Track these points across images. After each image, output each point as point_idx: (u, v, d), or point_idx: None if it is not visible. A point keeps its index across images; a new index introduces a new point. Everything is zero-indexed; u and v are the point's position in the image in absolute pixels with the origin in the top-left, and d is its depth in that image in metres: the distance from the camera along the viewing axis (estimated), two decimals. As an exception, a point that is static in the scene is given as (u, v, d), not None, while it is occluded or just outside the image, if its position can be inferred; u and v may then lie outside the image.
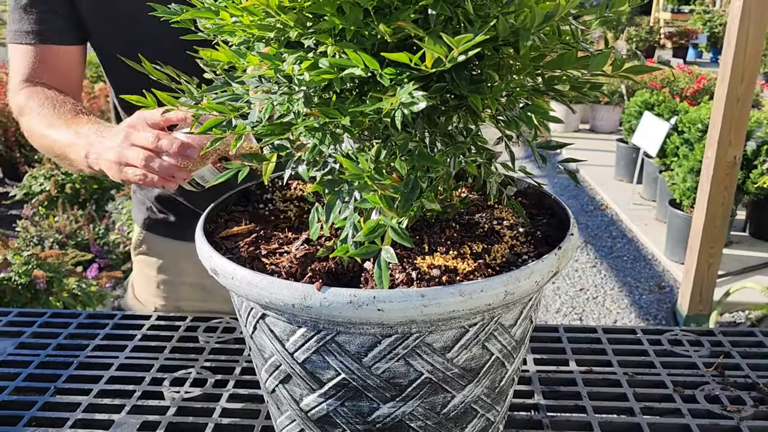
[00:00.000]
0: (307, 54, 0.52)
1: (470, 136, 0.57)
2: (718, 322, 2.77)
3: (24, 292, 1.97)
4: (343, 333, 0.52)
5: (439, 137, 0.57)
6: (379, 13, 0.50)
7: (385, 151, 0.53)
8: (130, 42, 1.05)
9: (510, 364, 0.60)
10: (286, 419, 0.61)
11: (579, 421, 0.80)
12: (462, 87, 0.52)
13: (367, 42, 0.49)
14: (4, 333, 1.02)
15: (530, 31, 0.47)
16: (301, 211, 0.71)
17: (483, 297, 0.50)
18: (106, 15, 1.06)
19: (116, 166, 0.87)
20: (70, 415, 0.81)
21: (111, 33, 1.07)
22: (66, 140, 0.98)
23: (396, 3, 0.48)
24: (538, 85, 0.54)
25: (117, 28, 1.07)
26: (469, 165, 0.54)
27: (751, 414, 0.81)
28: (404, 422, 0.56)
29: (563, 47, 0.54)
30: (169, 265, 1.24)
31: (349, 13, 0.48)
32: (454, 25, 0.50)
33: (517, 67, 0.52)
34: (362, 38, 0.49)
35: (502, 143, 0.61)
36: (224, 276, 0.54)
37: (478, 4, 0.50)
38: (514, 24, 0.48)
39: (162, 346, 0.97)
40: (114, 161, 0.87)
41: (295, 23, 0.51)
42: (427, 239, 0.60)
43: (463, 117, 0.57)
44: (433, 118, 0.56)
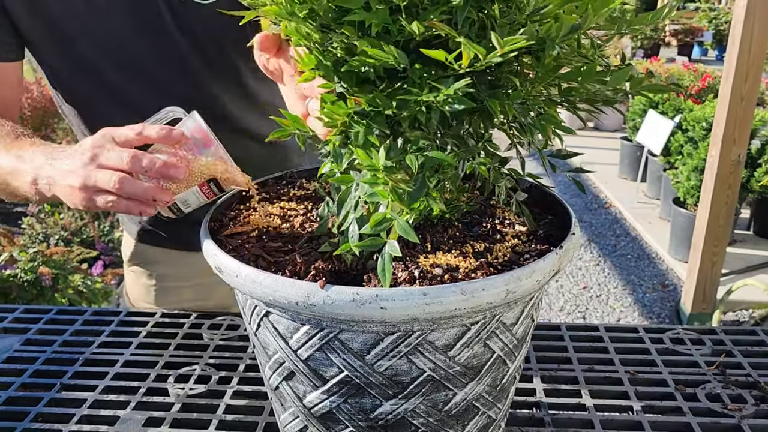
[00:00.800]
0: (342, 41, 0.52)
1: (483, 141, 0.58)
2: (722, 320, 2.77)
3: (30, 289, 1.98)
4: (346, 331, 0.52)
5: (450, 139, 0.57)
6: (407, 11, 0.50)
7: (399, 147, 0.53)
8: (76, 53, 0.98)
9: (511, 362, 0.60)
10: (290, 416, 0.62)
11: (580, 419, 0.81)
12: (482, 91, 0.52)
13: (392, 39, 0.50)
14: (11, 330, 1.04)
15: (555, 41, 0.48)
16: (306, 209, 0.71)
17: (484, 296, 0.51)
18: (40, 20, 0.97)
19: (81, 193, 0.75)
20: (76, 411, 0.82)
21: (50, 41, 0.98)
22: (7, 167, 0.85)
23: (425, 3, 0.48)
24: (553, 95, 0.55)
25: (56, 36, 0.98)
26: (480, 168, 0.54)
27: (752, 412, 0.81)
28: (406, 419, 0.57)
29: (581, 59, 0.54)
30: (169, 273, 1.21)
31: (375, 9, 0.48)
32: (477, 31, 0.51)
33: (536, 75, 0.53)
34: (387, 35, 0.50)
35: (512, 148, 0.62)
36: (229, 274, 0.55)
37: (503, 10, 0.50)
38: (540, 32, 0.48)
39: (166, 343, 0.98)
40: (78, 186, 0.75)
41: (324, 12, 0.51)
42: (430, 238, 0.61)
43: (476, 121, 0.58)
44: (447, 120, 0.57)
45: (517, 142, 0.59)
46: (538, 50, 0.48)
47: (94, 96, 0.90)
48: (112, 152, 0.75)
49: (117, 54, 1.00)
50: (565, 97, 0.54)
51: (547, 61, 0.47)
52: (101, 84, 1.02)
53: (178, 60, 1.03)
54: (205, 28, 1.02)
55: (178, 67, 1.02)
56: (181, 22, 1.01)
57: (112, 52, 1.00)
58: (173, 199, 0.75)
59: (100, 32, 0.98)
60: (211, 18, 1.00)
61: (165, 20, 1.00)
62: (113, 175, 0.73)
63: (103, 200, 0.75)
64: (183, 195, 0.77)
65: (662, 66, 6.41)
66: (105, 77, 1.01)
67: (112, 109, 1.03)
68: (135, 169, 0.73)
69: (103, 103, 1.04)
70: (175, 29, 1.01)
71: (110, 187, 0.73)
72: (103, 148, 0.75)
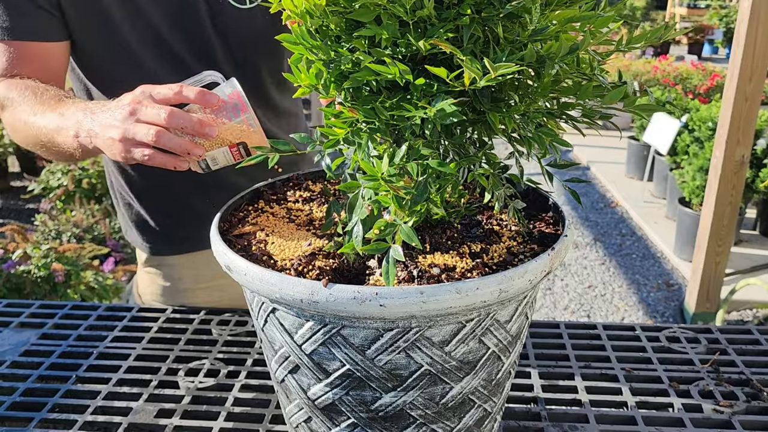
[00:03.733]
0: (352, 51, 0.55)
1: (483, 150, 0.61)
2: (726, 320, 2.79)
3: (43, 285, 2.02)
4: (348, 327, 0.55)
5: (452, 147, 0.60)
6: (416, 27, 0.53)
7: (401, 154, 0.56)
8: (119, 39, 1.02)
9: (506, 358, 0.63)
10: (295, 407, 0.65)
11: (576, 414, 0.83)
12: (483, 104, 0.55)
13: (401, 52, 0.53)
14: (28, 324, 1.07)
15: (554, 60, 0.50)
16: (311, 210, 0.74)
17: (479, 294, 0.54)
18: (89, 5, 1.01)
19: (120, 144, 0.79)
20: (91, 403, 0.86)
21: (95, 25, 1.02)
22: (52, 125, 0.90)
23: (433, 20, 0.51)
24: (553, 109, 0.58)
25: (101, 21, 1.02)
26: (480, 178, 0.57)
27: (744, 409, 0.84)
28: (405, 411, 0.59)
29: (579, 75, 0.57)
30: (184, 276, 1.22)
31: (386, 24, 0.51)
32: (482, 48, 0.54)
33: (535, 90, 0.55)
34: (395, 48, 0.53)
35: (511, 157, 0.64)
36: (237, 272, 0.58)
37: (507, 28, 0.53)
38: (540, 52, 0.51)
39: (177, 338, 1.02)
40: (117, 138, 0.78)
41: (336, 26, 0.54)
42: (429, 239, 0.64)
43: (479, 130, 0.61)
44: (450, 128, 0.59)
45: (518, 151, 0.62)
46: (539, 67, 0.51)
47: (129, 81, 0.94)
48: (150, 108, 0.78)
49: (156, 45, 1.04)
50: (563, 111, 0.56)
51: (546, 79, 0.50)
52: (138, 70, 1.05)
53: (211, 59, 1.07)
54: (236, 31, 1.07)
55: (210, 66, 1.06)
56: (216, 21, 1.05)
57: (151, 42, 1.04)
58: (204, 155, 0.79)
59: (142, 22, 1.02)
60: (244, 22, 1.05)
61: (202, 18, 1.04)
62: (151, 128, 0.76)
63: (140, 153, 0.78)
64: (213, 153, 0.81)
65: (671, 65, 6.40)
66: (143, 64, 1.05)
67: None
68: (171, 125, 0.76)
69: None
70: (210, 28, 1.05)
71: (148, 140, 0.76)
72: (142, 104, 0.79)
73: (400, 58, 0.53)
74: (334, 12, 0.51)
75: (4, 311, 1.12)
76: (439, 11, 0.51)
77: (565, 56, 0.50)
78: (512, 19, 0.52)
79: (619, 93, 0.52)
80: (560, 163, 0.64)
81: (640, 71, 6.23)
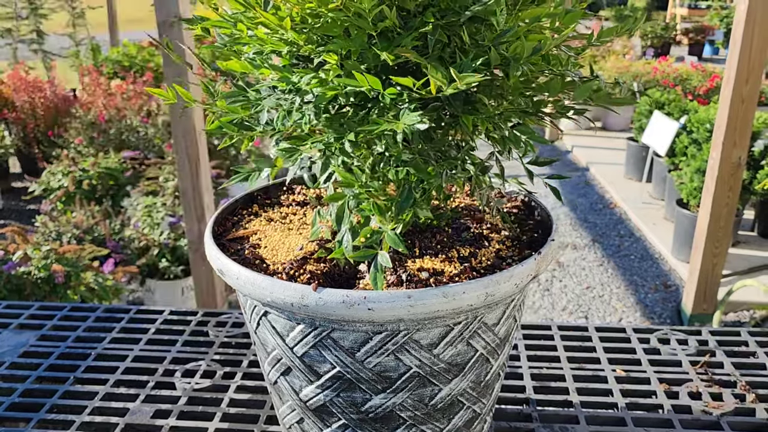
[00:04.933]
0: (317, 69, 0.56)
1: (462, 152, 0.62)
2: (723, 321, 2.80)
3: (43, 286, 2.04)
4: (338, 330, 0.57)
5: (433, 151, 0.61)
6: (383, 37, 0.54)
7: (383, 162, 0.57)
8: None
9: (495, 360, 0.64)
10: (287, 408, 0.66)
11: (567, 415, 0.84)
12: (456, 108, 0.56)
13: (370, 63, 0.54)
14: (27, 326, 1.09)
15: (520, 62, 0.52)
16: (304, 214, 0.76)
17: (465, 298, 0.55)
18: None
19: None
20: (88, 403, 0.87)
21: None
22: None
23: (397, 29, 0.52)
24: (527, 108, 0.59)
25: None
26: (457, 181, 0.58)
27: (732, 410, 0.85)
28: (395, 412, 0.61)
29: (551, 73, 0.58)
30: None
31: (354, 36, 0.53)
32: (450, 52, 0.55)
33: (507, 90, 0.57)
34: (366, 59, 0.54)
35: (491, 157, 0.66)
36: (230, 276, 0.60)
37: (473, 31, 0.54)
38: (506, 54, 0.52)
39: (174, 339, 1.03)
40: None
41: (305, 42, 0.56)
42: (419, 243, 0.65)
43: (460, 132, 0.62)
44: (429, 133, 0.61)
45: (497, 150, 0.63)
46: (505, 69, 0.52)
47: None
48: None
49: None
50: (537, 108, 0.57)
51: (512, 81, 0.51)
52: None
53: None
54: None
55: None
56: None
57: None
58: None
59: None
60: None
61: None
62: None
63: None
64: None
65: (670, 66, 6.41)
66: None
67: None
68: None
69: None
70: None
71: None
72: None
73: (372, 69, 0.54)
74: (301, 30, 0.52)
75: (4, 313, 1.13)
76: (406, 20, 0.52)
77: (530, 57, 0.51)
78: (478, 22, 0.53)
79: (588, 88, 0.54)
80: (540, 161, 0.65)
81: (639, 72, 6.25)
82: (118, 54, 6.87)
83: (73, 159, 3.71)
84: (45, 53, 7.46)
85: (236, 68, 0.57)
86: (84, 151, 4.10)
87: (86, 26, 8.11)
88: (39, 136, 4.84)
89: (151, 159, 3.79)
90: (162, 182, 3.37)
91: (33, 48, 7.49)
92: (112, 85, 5.01)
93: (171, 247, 2.98)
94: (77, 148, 4.15)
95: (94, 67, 5.88)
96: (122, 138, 4.18)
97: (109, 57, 6.90)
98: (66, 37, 7.89)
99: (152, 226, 3.00)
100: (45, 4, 7.72)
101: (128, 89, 4.71)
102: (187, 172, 2.38)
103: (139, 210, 3.12)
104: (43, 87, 5.04)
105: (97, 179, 3.45)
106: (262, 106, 0.57)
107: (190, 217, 2.43)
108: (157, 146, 4.12)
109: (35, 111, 4.84)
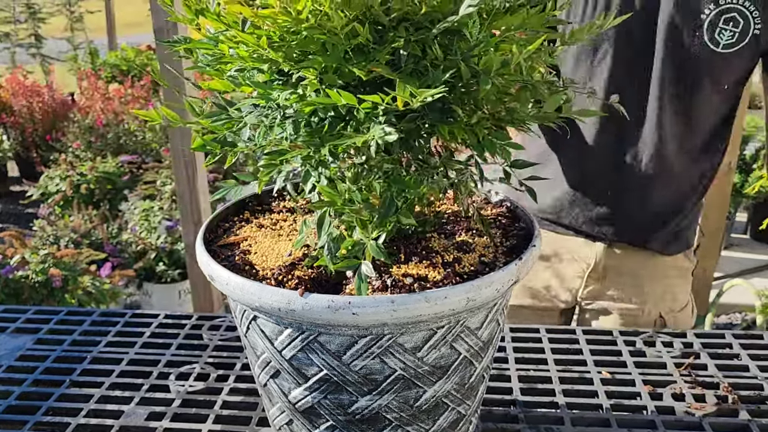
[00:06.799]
0: (296, 85, 0.58)
1: (441, 160, 0.64)
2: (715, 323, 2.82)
3: (40, 290, 2.06)
4: (324, 333, 0.58)
5: (413, 160, 0.63)
6: (358, 51, 0.56)
7: (365, 172, 0.59)
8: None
9: (478, 363, 0.66)
10: (277, 410, 0.68)
11: (552, 416, 0.86)
12: (433, 118, 0.58)
13: (347, 77, 0.56)
14: (23, 329, 1.10)
15: (490, 75, 0.54)
16: (294, 220, 0.77)
17: (447, 303, 0.57)
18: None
19: None
20: (84, 406, 0.89)
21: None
22: None
23: (370, 46, 0.54)
24: (500, 116, 0.61)
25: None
26: (433, 190, 0.60)
27: (714, 411, 0.87)
28: (381, 414, 0.63)
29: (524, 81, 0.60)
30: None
31: (331, 52, 0.55)
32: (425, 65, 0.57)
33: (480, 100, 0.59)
34: (343, 74, 0.56)
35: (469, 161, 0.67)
36: (220, 282, 0.61)
37: (446, 43, 0.56)
38: (476, 68, 0.54)
39: (169, 343, 1.05)
40: None
41: (284, 59, 0.58)
42: (404, 249, 0.67)
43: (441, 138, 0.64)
44: (409, 141, 0.63)
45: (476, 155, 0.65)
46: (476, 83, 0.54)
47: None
48: None
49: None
50: (511, 117, 0.59)
51: (482, 94, 0.53)
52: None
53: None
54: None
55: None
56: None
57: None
58: None
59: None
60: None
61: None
62: None
63: None
64: None
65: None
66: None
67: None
68: None
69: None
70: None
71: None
72: None
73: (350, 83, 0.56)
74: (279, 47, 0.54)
75: (1, 317, 1.15)
76: (381, 33, 0.54)
77: (500, 69, 0.53)
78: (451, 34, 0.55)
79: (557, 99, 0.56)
80: (520, 163, 0.67)
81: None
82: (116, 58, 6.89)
83: (71, 163, 3.73)
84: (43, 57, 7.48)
85: (218, 87, 0.59)
86: (82, 155, 4.12)
87: (84, 30, 8.13)
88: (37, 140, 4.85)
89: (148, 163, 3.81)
90: (159, 186, 3.39)
91: (31, 52, 7.51)
92: (110, 89, 5.03)
93: (168, 250, 2.99)
94: (75, 152, 4.17)
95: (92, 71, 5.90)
96: (120, 142, 4.19)
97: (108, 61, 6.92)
98: (64, 41, 7.91)
99: (149, 230, 3.02)
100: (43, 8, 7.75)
101: (126, 93, 4.73)
102: (183, 176, 2.39)
103: (137, 214, 3.14)
104: (42, 91, 5.06)
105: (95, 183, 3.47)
106: (244, 123, 0.59)
107: (186, 221, 2.45)
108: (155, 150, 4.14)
109: (33, 115, 4.86)
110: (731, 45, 1.10)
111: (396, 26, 0.55)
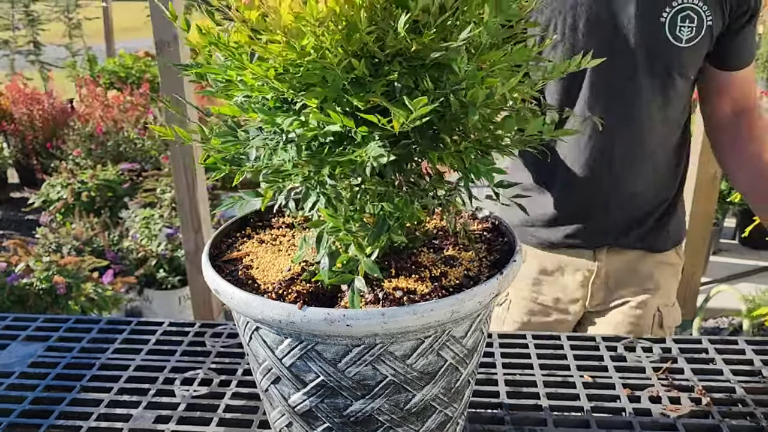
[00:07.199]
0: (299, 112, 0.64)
1: (430, 182, 0.69)
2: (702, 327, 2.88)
3: (45, 297, 2.11)
4: (321, 343, 0.64)
5: (405, 182, 0.69)
6: (356, 83, 0.62)
7: (360, 195, 0.65)
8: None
9: (464, 368, 0.72)
10: (278, 414, 0.73)
11: (536, 418, 0.92)
12: (423, 144, 0.64)
13: (345, 106, 0.62)
14: (34, 337, 1.15)
15: (476, 106, 0.59)
16: (293, 236, 0.83)
17: (433, 315, 0.62)
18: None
19: None
20: (94, 410, 0.94)
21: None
22: None
23: (368, 78, 0.60)
24: (486, 142, 0.66)
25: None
26: (419, 210, 0.66)
27: (688, 413, 0.92)
28: (373, 416, 0.68)
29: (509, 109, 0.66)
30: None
31: (331, 84, 0.60)
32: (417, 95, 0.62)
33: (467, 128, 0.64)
34: (342, 103, 0.62)
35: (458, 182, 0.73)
36: (224, 296, 0.67)
37: (436, 76, 0.62)
38: (463, 100, 0.60)
39: (173, 349, 1.10)
40: None
41: (288, 89, 0.63)
42: (395, 264, 0.72)
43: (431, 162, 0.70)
44: (401, 165, 0.68)
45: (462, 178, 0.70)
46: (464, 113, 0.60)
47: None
48: None
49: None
50: (497, 142, 0.65)
51: (470, 123, 0.59)
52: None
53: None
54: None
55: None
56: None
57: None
58: None
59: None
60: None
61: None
62: None
63: None
64: None
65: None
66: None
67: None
68: None
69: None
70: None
71: None
72: None
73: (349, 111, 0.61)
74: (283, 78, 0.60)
75: (12, 325, 1.20)
76: (377, 67, 0.60)
77: (485, 102, 0.58)
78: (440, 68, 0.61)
79: (539, 123, 0.61)
80: (505, 184, 0.72)
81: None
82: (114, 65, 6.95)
83: (71, 171, 3.78)
84: (42, 64, 7.52)
85: (228, 112, 0.65)
86: (82, 162, 4.17)
87: (82, 36, 8.18)
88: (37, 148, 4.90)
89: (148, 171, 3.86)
90: (159, 194, 3.44)
91: (30, 59, 7.56)
92: (109, 97, 5.08)
93: (168, 257, 3.05)
94: (75, 159, 4.21)
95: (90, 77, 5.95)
96: (120, 150, 4.25)
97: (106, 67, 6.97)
98: (63, 47, 7.96)
99: (150, 238, 3.07)
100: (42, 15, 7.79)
101: (125, 101, 4.78)
102: (183, 184, 2.44)
103: (137, 221, 3.19)
104: (41, 99, 5.11)
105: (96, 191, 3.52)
106: (250, 145, 0.64)
107: (186, 229, 2.50)
108: (154, 158, 4.19)
109: (33, 123, 4.91)
110: (692, 39, 1.22)
111: (390, 60, 0.61)
